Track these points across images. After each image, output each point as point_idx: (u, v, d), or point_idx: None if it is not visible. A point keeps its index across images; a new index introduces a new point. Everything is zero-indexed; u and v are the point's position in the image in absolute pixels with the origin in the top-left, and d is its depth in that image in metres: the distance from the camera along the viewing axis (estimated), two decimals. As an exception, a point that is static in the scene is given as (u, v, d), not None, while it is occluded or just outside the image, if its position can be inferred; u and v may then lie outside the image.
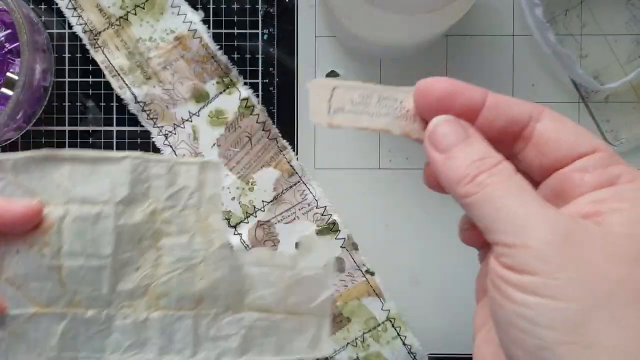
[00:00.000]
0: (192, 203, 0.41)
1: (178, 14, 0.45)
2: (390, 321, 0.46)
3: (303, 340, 0.40)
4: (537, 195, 0.26)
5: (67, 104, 0.46)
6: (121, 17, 0.45)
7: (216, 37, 0.46)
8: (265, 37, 0.46)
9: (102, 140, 0.46)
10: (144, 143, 0.46)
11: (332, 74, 0.46)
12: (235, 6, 0.46)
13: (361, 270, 0.46)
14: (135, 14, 0.45)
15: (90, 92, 0.46)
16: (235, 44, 0.46)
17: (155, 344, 0.40)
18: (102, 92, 0.46)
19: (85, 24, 0.46)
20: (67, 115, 0.46)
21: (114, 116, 0.46)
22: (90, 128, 0.46)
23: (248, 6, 0.46)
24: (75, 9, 0.46)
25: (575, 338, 0.24)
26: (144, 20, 0.45)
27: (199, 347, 0.39)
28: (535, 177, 0.30)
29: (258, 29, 0.46)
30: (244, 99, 0.46)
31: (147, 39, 0.45)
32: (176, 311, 0.39)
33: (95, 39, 0.46)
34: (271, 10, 0.46)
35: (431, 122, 0.29)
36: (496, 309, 0.26)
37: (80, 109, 0.46)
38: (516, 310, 0.25)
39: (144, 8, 0.45)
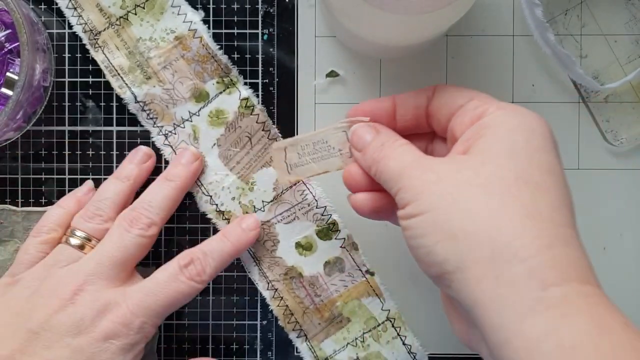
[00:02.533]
0: None
1: (178, 14, 0.45)
2: (390, 321, 0.46)
3: None
4: (416, 151, 0.35)
5: (67, 103, 0.46)
6: (121, 17, 0.45)
7: (216, 37, 0.46)
8: (265, 37, 0.46)
9: (102, 140, 0.46)
10: (143, 143, 0.46)
11: (332, 74, 0.46)
12: (235, 6, 0.46)
13: (361, 270, 0.46)
14: (136, 14, 0.45)
15: (90, 92, 0.46)
16: (235, 44, 0.46)
17: None
18: (102, 92, 0.46)
19: (86, 23, 0.45)
20: (67, 115, 0.46)
21: (114, 116, 0.46)
22: (90, 128, 0.46)
23: (248, 6, 0.46)
24: (75, 8, 0.45)
25: (442, 235, 0.31)
26: (144, 20, 0.45)
27: None
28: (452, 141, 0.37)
29: (258, 29, 0.46)
30: (244, 99, 0.46)
31: (147, 39, 0.45)
32: None
33: (95, 39, 0.46)
34: (271, 10, 0.46)
35: (350, 130, 0.39)
36: (409, 249, 0.34)
37: (80, 109, 0.46)
38: (408, 235, 0.33)
39: (144, 8, 0.45)
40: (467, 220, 0.30)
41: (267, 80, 0.46)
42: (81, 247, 0.42)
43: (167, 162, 0.46)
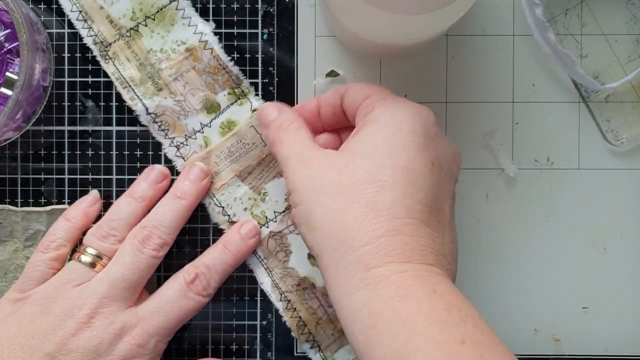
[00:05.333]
0: None
1: (189, 25, 0.45)
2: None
3: None
4: (305, 139, 0.39)
5: (66, 103, 0.46)
6: (132, 29, 0.45)
7: (216, 37, 0.46)
8: (265, 36, 0.46)
9: (102, 140, 0.46)
10: (143, 143, 0.46)
11: (332, 74, 0.46)
12: (234, 5, 0.46)
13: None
14: (146, 25, 0.45)
15: (90, 91, 0.46)
16: (235, 43, 0.46)
17: None
18: (102, 91, 0.46)
19: (96, 35, 0.45)
20: (66, 115, 0.46)
21: (114, 116, 0.46)
22: (90, 128, 0.46)
23: (248, 6, 0.46)
24: (85, 20, 0.45)
25: (308, 226, 0.36)
26: (154, 32, 0.45)
27: None
28: None
29: (258, 28, 0.46)
30: (255, 110, 0.46)
31: (157, 50, 0.45)
32: None
33: (105, 51, 0.45)
34: (271, 9, 0.46)
35: (258, 109, 0.44)
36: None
37: (80, 109, 0.46)
38: (295, 222, 0.38)
39: (154, 19, 0.45)
40: (323, 216, 0.36)
41: (266, 80, 0.46)
42: (92, 265, 0.43)
43: (179, 173, 0.46)
